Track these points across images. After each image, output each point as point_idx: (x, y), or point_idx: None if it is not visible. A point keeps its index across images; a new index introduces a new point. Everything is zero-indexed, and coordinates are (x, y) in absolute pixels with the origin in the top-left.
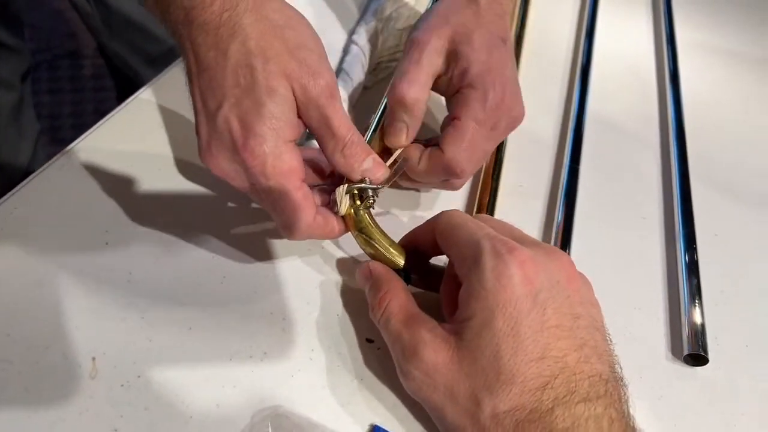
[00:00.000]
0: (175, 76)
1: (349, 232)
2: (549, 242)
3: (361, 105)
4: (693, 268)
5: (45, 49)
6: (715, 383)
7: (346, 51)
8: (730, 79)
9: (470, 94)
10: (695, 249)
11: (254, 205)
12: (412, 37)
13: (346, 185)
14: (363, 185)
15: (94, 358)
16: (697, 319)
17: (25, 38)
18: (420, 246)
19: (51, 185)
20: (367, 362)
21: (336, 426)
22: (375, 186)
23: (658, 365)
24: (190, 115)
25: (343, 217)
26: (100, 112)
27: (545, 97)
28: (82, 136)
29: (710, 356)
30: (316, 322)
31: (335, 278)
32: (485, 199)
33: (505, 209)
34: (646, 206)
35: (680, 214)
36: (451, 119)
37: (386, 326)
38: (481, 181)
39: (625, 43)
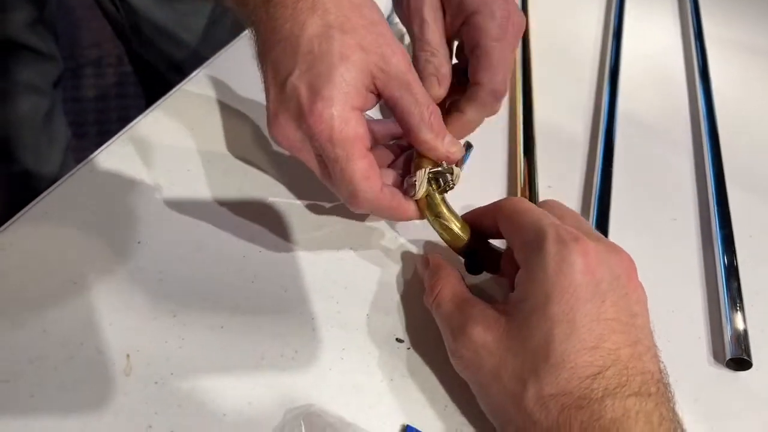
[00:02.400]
0: (200, 81)
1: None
2: None
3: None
4: (732, 270)
5: (70, 58)
6: (760, 388)
7: None
8: (761, 75)
9: (478, 19)
10: (734, 251)
11: (280, 200)
12: (404, 6)
13: (429, 168)
14: (442, 169)
15: (128, 355)
16: (740, 323)
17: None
18: (480, 227)
19: (83, 187)
20: (398, 362)
21: (368, 425)
22: (453, 171)
23: (700, 370)
24: (217, 118)
25: (417, 202)
26: (124, 119)
27: (573, 97)
28: (113, 139)
29: (753, 361)
30: (346, 323)
31: (363, 279)
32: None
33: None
34: (680, 207)
35: (717, 214)
36: (471, 49)
37: (438, 309)
38: (519, 182)
39: (652, 41)
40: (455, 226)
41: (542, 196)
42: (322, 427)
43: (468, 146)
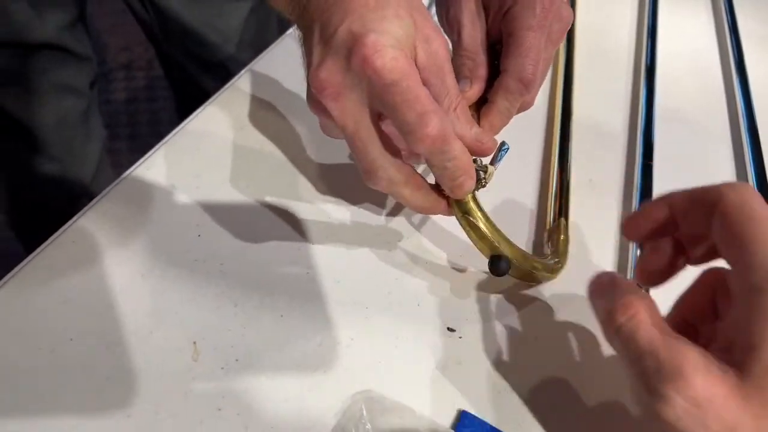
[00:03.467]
0: (246, 81)
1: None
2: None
3: None
4: None
5: (101, 62)
6: None
7: None
8: None
9: (515, 10)
10: None
11: (329, 198)
12: (444, 17)
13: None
14: (477, 167)
15: (195, 342)
16: None
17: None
18: (673, 215)
19: (142, 185)
20: (450, 350)
21: (425, 411)
22: (487, 169)
23: None
24: (266, 117)
25: (448, 199)
26: (154, 122)
27: (611, 92)
28: (167, 138)
29: None
30: (399, 312)
31: (413, 271)
32: (557, 202)
33: (577, 203)
34: None
35: None
36: (506, 38)
37: (632, 335)
38: (552, 184)
39: (686, 36)
40: (483, 225)
41: (583, 189)
42: (381, 411)
43: (502, 145)
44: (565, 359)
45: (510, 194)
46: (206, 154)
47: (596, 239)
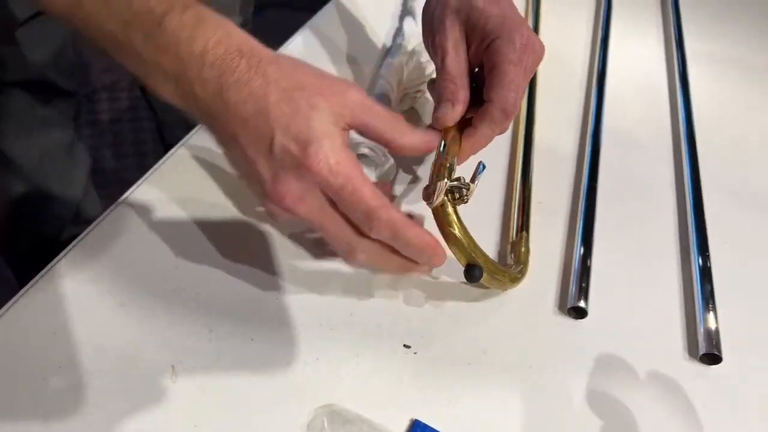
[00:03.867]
0: None
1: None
2: (572, 255)
3: None
4: (706, 273)
5: (85, 83)
6: (729, 380)
7: (373, 85)
8: (740, 87)
9: (497, 44)
10: (708, 256)
11: (297, 229)
12: (430, 43)
13: (447, 180)
14: (460, 183)
15: (173, 366)
16: (712, 322)
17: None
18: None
19: (123, 221)
20: (406, 365)
21: (381, 420)
22: (469, 186)
23: (676, 365)
24: None
25: (434, 213)
26: (138, 142)
27: (564, 113)
28: (146, 176)
29: (723, 356)
30: (360, 331)
31: (374, 294)
32: (520, 217)
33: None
34: (661, 217)
35: (693, 222)
36: (489, 70)
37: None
38: (515, 200)
39: (637, 58)
40: (462, 237)
41: (533, 212)
42: (341, 423)
43: (481, 165)
44: (513, 370)
45: (477, 209)
46: (185, 188)
47: (540, 261)
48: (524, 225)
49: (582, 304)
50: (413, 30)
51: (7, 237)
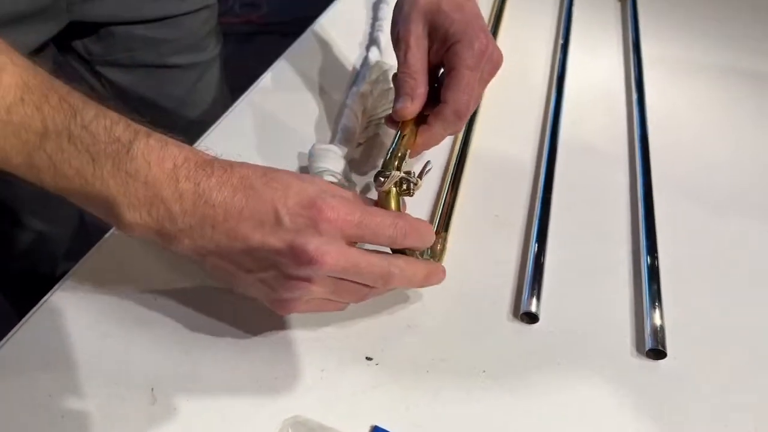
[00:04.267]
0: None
1: None
2: (526, 263)
3: (356, 159)
4: (654, 273)
5: None
6: (674, 374)
7: (341, 114)
8: (695, 90)
9: (457, 48)
10: (656, 257)
11: None
12: (395, 35)
13: (401, 172)
14: (410, 177)
15: (152, 389)
16: (657, 319)
17: None
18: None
19: (108, 256)
20: (368, 376)
21: (344, 428)
22: (416, 181)
23: (624, 360)
24: None
25: (378, 195)
26: None
27: (524, 124)
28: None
29: (669, 351)
30: (325, 346)
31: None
32: (443, 218)
33: (482, 237)
34: (615, 221)
35: (644, 225)
36: (447, 72)
37: None
38: (440, 203)
39: (597, 65)
40: None
41: (489, 225)
42: (306, 431)
43: (429, 164)
44: (467, 376)
45: (411, 204)
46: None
47: (496, 271)
48: (446, 226)
49: (533, 309)
50: (377, 59)
51: (5, 279)
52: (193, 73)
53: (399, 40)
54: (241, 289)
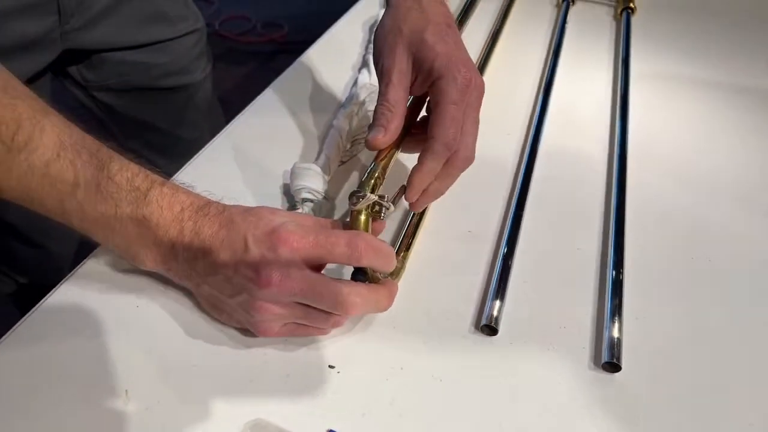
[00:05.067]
0: (199, 165)
1: None
2: (492, 275)
3: (338, 177)
4: (617, 288)
5: None
6: (628, 387)
7: (326, 133)
8: (681, 108)
9: (441, 84)
10: (622, 272)
11: None
12: (379, 66)
13: (376, 196)
14: (384, 203)
15: (126, 391)
16: (615, 333)
17: None
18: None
19: (94, 273)
20: (329, 383)
21: (300, 430)
22: (389, 206)
23: (581, 373)
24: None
25: (351, 213)
26: None
27: (505, 139)
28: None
29: (625, 365)
30: (290, 355)
31: None
32: (407, 239)
33: (452, 252)
34: (586, 237)
35: (613, 241)
36: (433, 107)
37: None
38: (406, 224)
39: (585, 85)
40: None
41: (462, 241)
42: None
43: (402, 188)
44: (424, 384)
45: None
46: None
47: (460, 285)
48: (408, 247)
49: (493, 322)
50: (365, 82)
51: (7, 292)
52: (183, 94)
53: (383, 72)
54: (225, 315)
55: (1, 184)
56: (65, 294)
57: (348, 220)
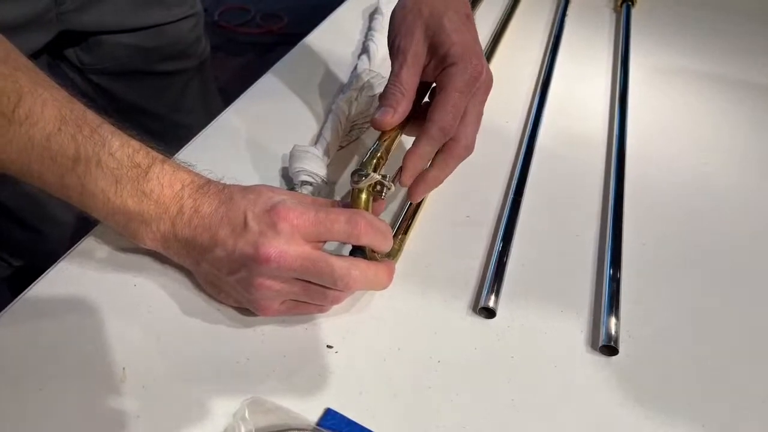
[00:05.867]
0: (194, 149)
1: None
2: (490, 259)
3: (337, 161)
4: (615, 273)
5: None
6: (623, 370)
7: (326, 117)
8: (681, 102)
9: (452, 70)
10: (620, 257)
11: None
12: (395, 45)
13: (380, 176)
14: (386, 182)
15: (124, 368)
16: (613, 317)
17: None
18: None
19: (91, 250)
20: (326, 362)
21: (299, 410)
22: (390, 186)
23: (577, 356)
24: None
25: (352, 191)
26: None
27: (504, 129)
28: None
29: (621, 348)
30: (289, 335)
31: None
32: (405, 222)
33: (451, 236)
34: (584, 224)
35: (611, 227)
36: (438, 91)
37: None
38: (404, 208)
39: (584, 76)
40: None
41: (460, 225)
42: (262, 412)
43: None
44: (422, 365)
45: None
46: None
47: (458, 269)
48: (406, 230)
49: (491, 304)
50: (365, 67)
51: (5, 268)
52: (180, 78)
53: (398, 51)
54: (223, 294)
55: (2, 157)
56: (62, 272)
57: (347, 201)
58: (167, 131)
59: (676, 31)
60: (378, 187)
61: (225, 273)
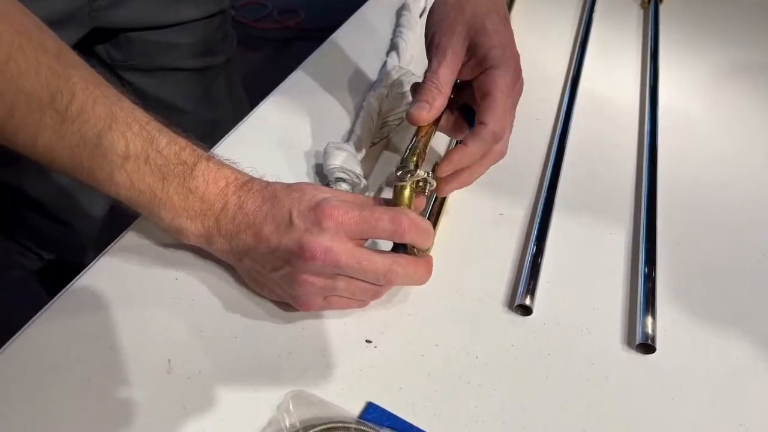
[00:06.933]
0: (231, 144)
1: None
2: (525, 256)
3: (370, 157)
4: (651, 272)
5: None
6: (660, 368)
7: (358, 114)
8: (710, 99)
9: (494, 73)
10: (655, 255)
11: None
12: (435, 41)
13: (425, 172)
14: (430, 178)
15: (169, 360)
16: (649, 315)
17: None
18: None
19: (132, 245)
20: (366, 357)
21: (340, 403)
22: (432, 182)
23: (614, 353)
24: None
25: (395, 188)
26: None
27: (536, 127)
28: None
29: (659, 346)
30: (328, 329)
31: None
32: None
33: (483, 236)
34: (617, 222)
35: (645, 225)
36: (483, 96)
37: None
38: (431, 204)
39: (613, 73)
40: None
41: (494, 223)
42: (306, 404)
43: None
44: (460, 361)
45: None
46: None
47: (494, 265)
48: (434, 223)
49: (528, 302)
50: (395, 64)
51: (32, 269)
52: (208, 75)
53: (437, 48)
54: (266, 290)
55: (54, 154)
56: (105, 266)
57: (387, 198)
58: (193, 127)
59: (704, 26)
60: (421, 184)
61: (269, 269)
